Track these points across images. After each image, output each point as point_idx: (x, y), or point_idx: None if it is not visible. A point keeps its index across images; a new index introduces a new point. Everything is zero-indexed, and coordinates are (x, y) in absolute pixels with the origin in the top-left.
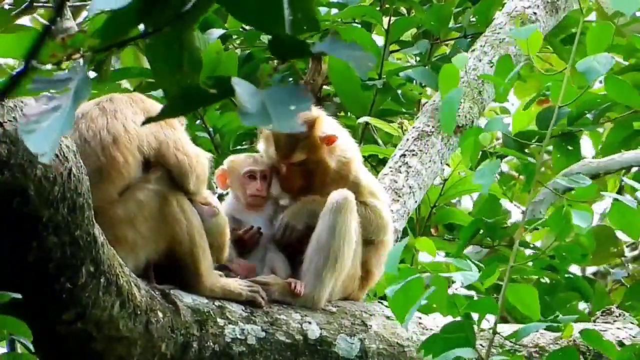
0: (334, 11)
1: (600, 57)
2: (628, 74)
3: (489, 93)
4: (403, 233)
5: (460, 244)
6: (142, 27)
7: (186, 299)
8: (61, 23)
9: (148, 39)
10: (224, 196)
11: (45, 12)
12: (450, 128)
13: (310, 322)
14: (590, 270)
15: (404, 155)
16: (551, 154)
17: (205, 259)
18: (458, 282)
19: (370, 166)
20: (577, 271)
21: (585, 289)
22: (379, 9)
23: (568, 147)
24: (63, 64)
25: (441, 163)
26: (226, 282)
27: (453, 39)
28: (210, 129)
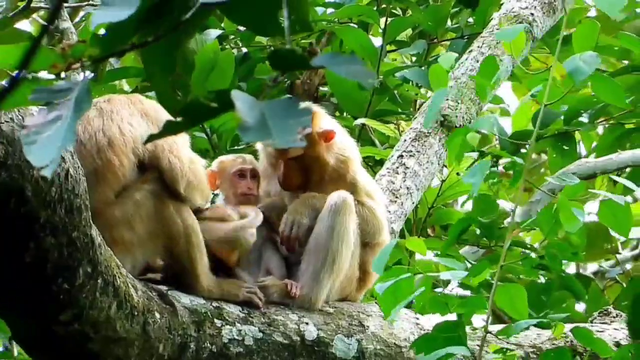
0: (330, 11)
1: (586, 56)
2: (623, 75)
3: None
4: (400, 234)
5: (448, 241)
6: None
7: (184, 299)
8: (58, 24)
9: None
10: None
11: (45, 14)
12: (428, 123)
13: (307, 323)
14: (590, 269)
15: (401, 156)
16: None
17: (202, 260)
18: (454, 282)
19: (367, 167)
20: (572, 270)
21: (577, 288)
22: (375, 8)
23: (564, 147)
24: (63, 74)
25: (439, 164)
26: (223, 283)
27: (450, 40)
28: (207, 129)
